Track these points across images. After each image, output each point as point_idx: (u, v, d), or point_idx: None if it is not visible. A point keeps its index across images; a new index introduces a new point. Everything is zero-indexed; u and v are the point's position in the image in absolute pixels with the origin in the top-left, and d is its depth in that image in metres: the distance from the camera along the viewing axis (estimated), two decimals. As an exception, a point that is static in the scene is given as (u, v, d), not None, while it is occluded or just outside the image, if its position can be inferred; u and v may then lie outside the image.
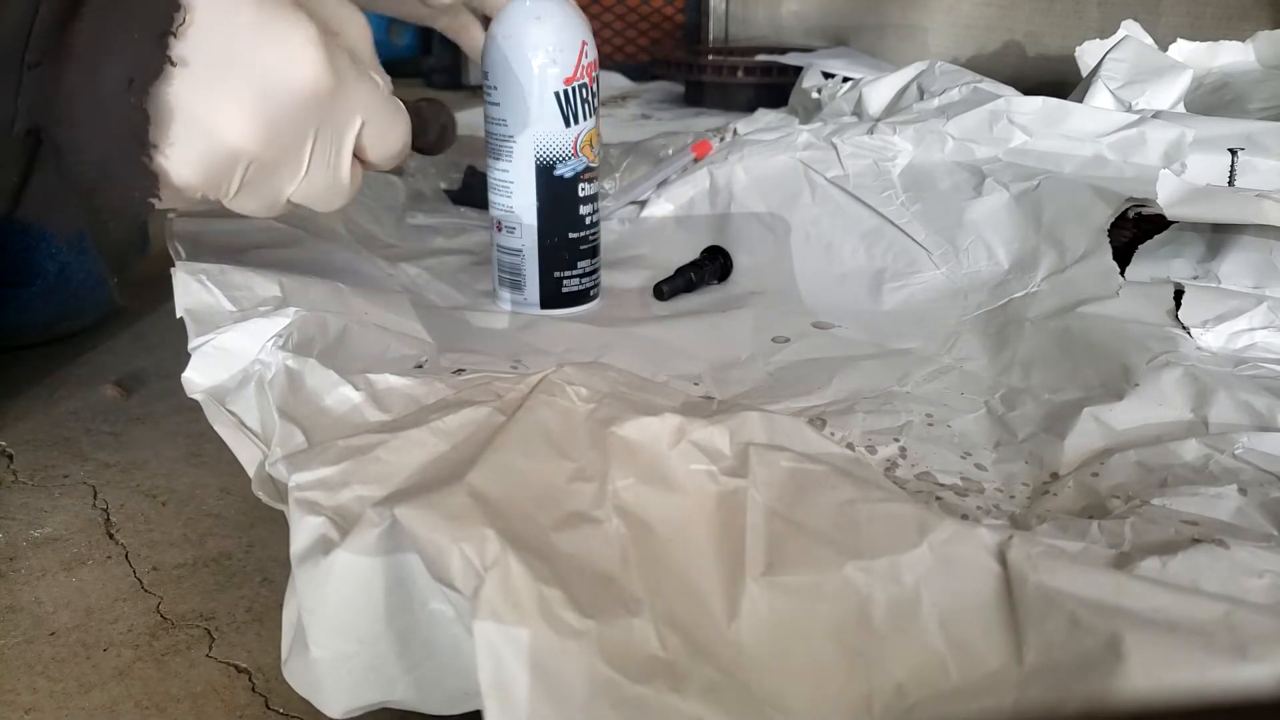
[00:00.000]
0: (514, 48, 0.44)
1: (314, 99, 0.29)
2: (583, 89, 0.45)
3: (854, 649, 0.21)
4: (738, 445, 0.27)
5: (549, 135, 0.45)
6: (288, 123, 0.29)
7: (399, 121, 0.33)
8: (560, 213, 0.47)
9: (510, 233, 0.47)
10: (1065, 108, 0.57)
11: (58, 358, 0.54)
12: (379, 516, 0.23)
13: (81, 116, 0.26)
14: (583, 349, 0.43)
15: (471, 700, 0.24)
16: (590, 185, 0.47)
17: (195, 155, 0.28)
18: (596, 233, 0.49)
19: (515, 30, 0.44)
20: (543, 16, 0.44)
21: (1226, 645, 0.19)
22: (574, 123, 0.45)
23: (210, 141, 0.28)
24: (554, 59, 0.44)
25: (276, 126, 0.29)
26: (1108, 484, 0.30)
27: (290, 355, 0.31)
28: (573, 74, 0.44)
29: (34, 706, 0.29)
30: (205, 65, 0.27)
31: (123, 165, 0.27)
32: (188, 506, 0.40)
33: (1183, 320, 0.41)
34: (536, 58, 0.44)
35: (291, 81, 0.28)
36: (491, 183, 0.47)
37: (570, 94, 0.45)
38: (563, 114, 0.45)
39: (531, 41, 0.44)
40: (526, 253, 0.47)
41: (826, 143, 0.59)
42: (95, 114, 0.26)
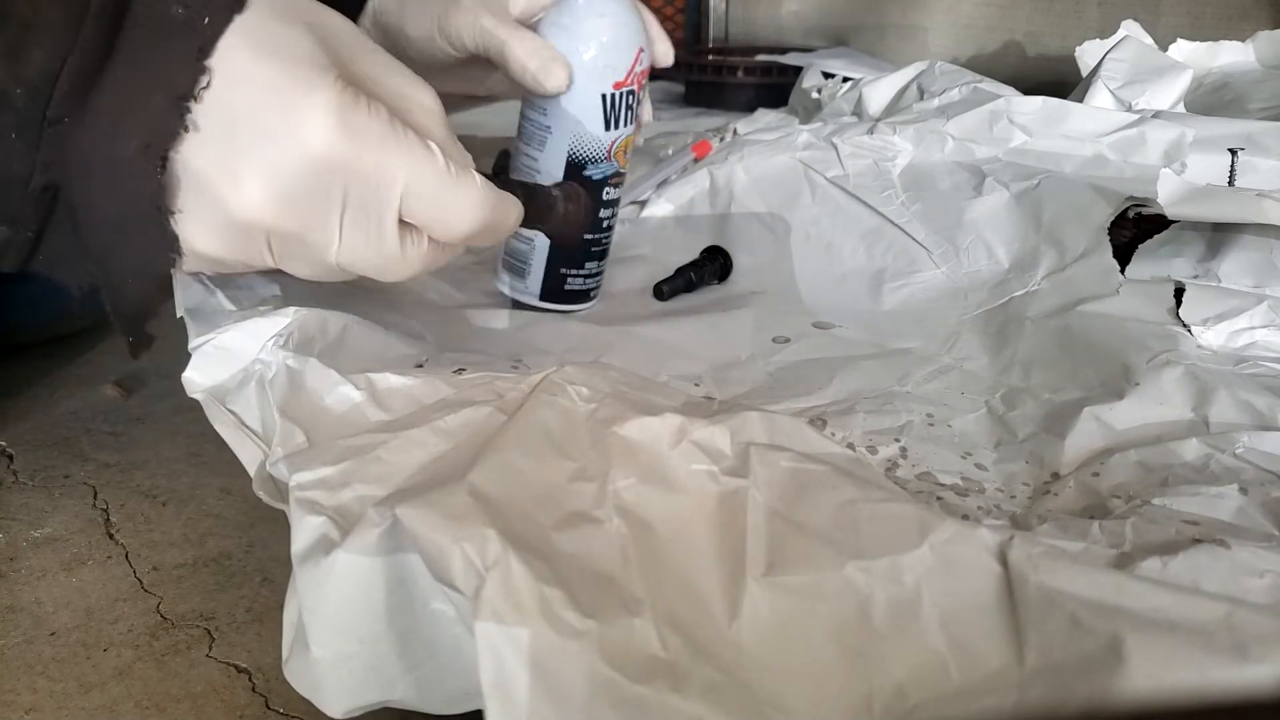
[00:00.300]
0: (569, 39, 0.42)
1: (327, 165, 0.27)
2: (629, 95, 0.43)
3: (855, 649, 0.21)
4: (738, 445, 0.27)
5: (587, 135, 0.43)
6: (302, 191, 0.27)
7: (461, 195, 0.30)
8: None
9: None
10: (1065, 108, 0.57)
11: (58, 358, 0.54)
12: (380, 516, 0.23)
13: (98, 176, 0.26)
14: (583, 348, 0.43)
15: (472, 700, 0.24)
16: (615, 190, 0.46)
17: (212, 226, 0.27)
18: (610, 237, 0.48)
19: (575, 21, 0.42)
20: (606, 14, 0.42)
21: (1227, 645, 0.19)
22: (614, 128, 0.44)
23: (223, 212, 0.27)
24: (608, 59, 0.42)
25: (289, 195, 0.27)
26: (1108, 484, 0.30)
27: (291, 355, 0.31)
28: (624, 79, 0.43)
29: (34, 706, 0.29)
30: (219, 130, 0.26)
31: (138, 227, 0.26)
32: (188, 506, 0.40)
33: (1183, 319, 0.41)
34: (589, 52, 0.42)
35: (300, 146, 0.26)
36: (517, 164, 0.46)
37: (616, 99, 0.43)
38: (605, 117, 0.43)
39: (587, 34, 0.42)
40: (538, 244, 0.46)
41: (826, 143, 0.59)
42: (112, 175, 0.26)
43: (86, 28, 0.24)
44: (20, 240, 0.26)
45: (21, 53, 0.24)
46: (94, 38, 0.24)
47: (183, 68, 0.25)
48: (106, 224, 0.26)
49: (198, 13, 0.25)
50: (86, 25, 0.24)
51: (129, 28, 0.25)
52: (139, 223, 0.26)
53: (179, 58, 0.25)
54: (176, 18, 0.25)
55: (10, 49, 0.24)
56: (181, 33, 0.25)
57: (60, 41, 0.24)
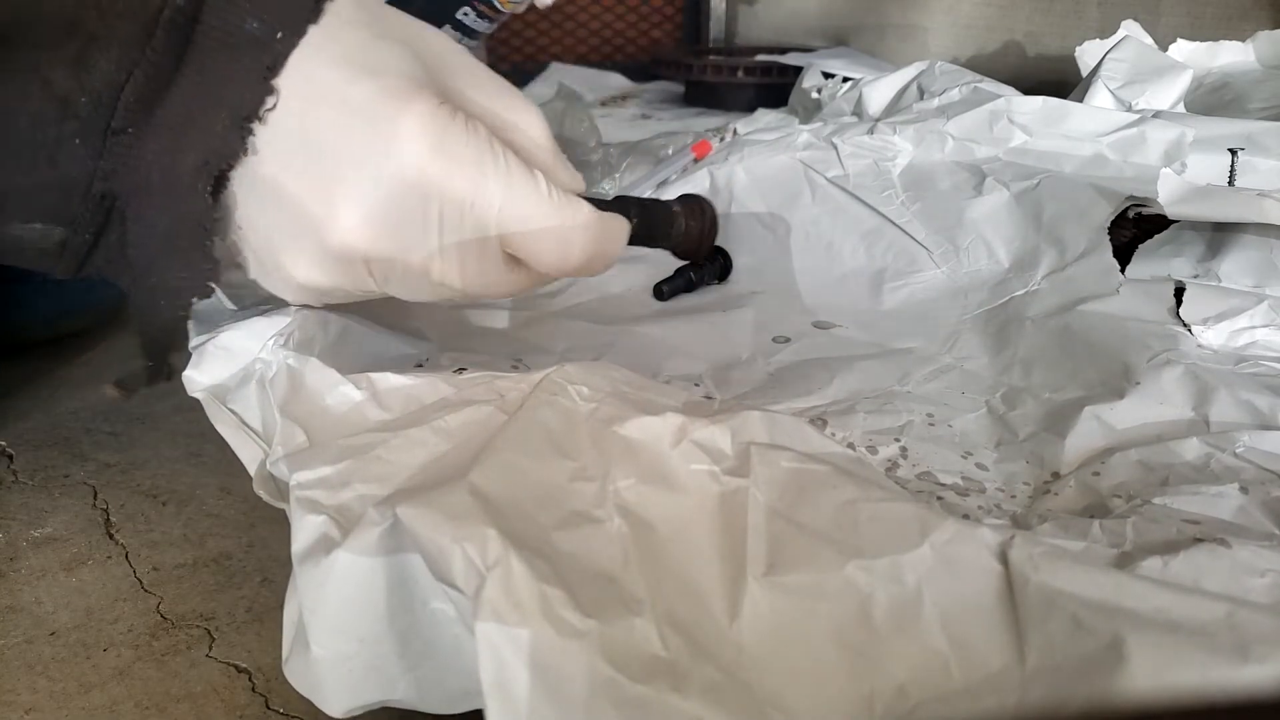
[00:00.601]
0: None
1: (420, 187, 0.26)
2: None
3: (855, 649, 0.21)
4: (739, 445, 0.27)
5: None
6: (396, 215, 0.26)
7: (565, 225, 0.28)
8: None
9: None
10: (1065, 107, 0.57)
11: (58, 358, 0.54)
12: (380, 516, 0.23)
13: (154, 190, 0.25)
14: (583, 348, 0.43)
15: (472, 700, 0.24)
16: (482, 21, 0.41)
17: (311, 255, 0.27)
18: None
19: None
20: None
21: (1229, 646, 0.19)
22: None
23: (319, 240, 0.26)
24: None
25: (383, 220, 0.26)
26: (1109, 483, 0.30)
27: (291, 354, 0.31)
28: None
29: (34, 706, 0.29)
30: (312, 155, 0.25)
31: (183, 246, 0.26)
32: (188, 506, 0.40)
33: (1183, 318, 0.41)
34: None
35: (393, 168, 0.25)
36: None
37: None
38: None
39: None
40: None
41: (826, 143, 0.59)
42: (167, 190, 0.25)
43: (155, 40, 0.24)
44: (77, 243, 0.26)
45: (88, 63, 0.23)
46: (162, 50, 0.24)
47: (249, 86, 0.25)
48: (155, 239, 0.26)
49: (271, 28, 0.25)
50: (155, 38, 0.24)
51: (199, 40, 0.25)
52: (184, 241, 0.26)
53: (245, 76, 0.25)
54: (249, 32, 0.25)
55: (78, 59, 0.23)
56: (252, 49, 0.25)
57: (128, 53, 0.24)
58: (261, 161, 0.26)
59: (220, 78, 0.25)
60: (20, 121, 0.23)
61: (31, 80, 0.23)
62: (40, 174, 0.24)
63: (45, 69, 0.23)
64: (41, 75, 0.23)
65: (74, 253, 0.26)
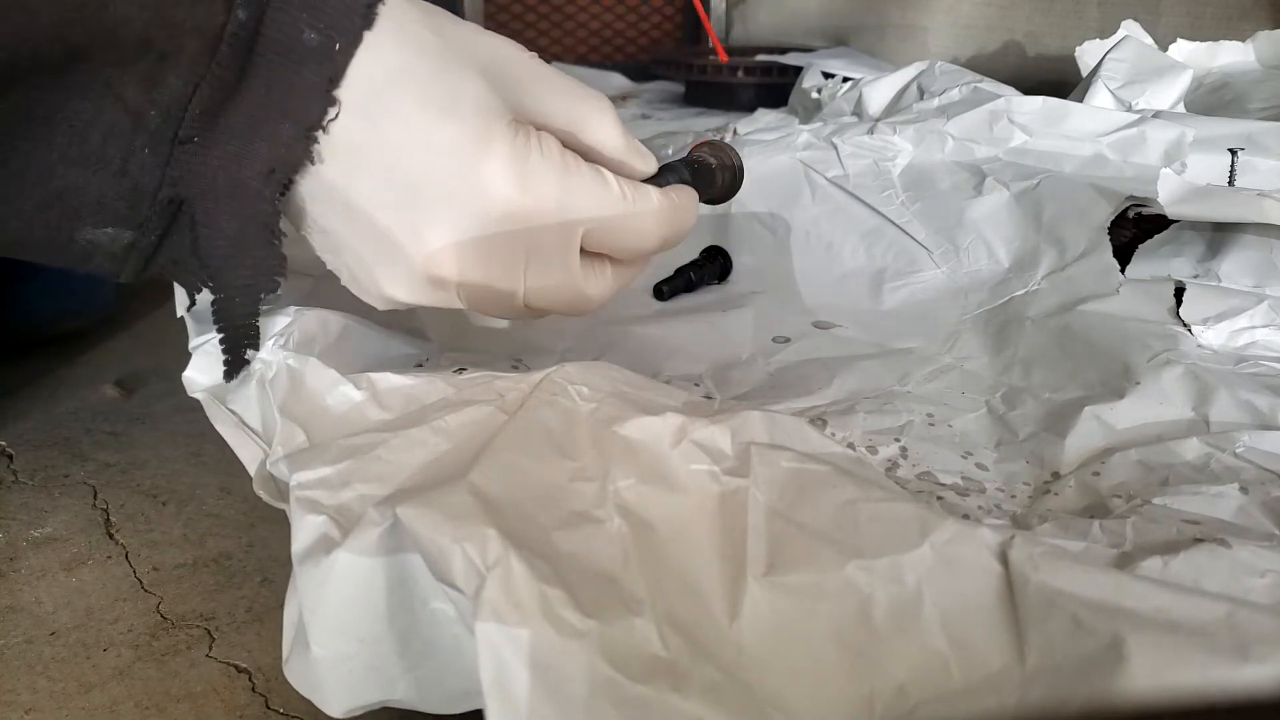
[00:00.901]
0: None
1: (508, 219, 0.28)
2: None
3: (855, 649, 0.21)
4: (739, 445, 0.27)
5: None
6: (484, 246, 0.28)
7: (641, 217, 0.30)
8: None
9: None
10: (1065, 107, 0.57)
11: (58, 358, 0.54)
12: (380, 516, 0.23)
13: (222, 195, 0.27)
14: (583, 348, 0.43)
15: (472, 700, 0.24)
16: None
17: (403, 280, 0.29)
18: None
19: None
20: None
21: (1229, 646, 0.19)
22: None
23: (410, 268, 0.28)
24: None
25: (473, 252, 0.28)
26: (1109, 483, 0.30)
27: (291, 354, 0.31)
28: None
29: (34, 706, 0.29)
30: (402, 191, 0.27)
31: (252, 247, 0.28)
32: (188, 506, 0.40)
33: (1183, 318, 0.41)
34: None
35: (481, 204, 0.27)
36: None
37: None
38: None
39: None
40: None
41: (826, 143, 0.59)
42: (234, 196, 0.27)
43: (220, 54, 0.25)
44: (143, 245, 0.27)
45: (158, 79, 0.25)
46: (226, 64, 0.25)
47: (312, 96, 0.26)
48: (224, 240, 0.27)
49: (329, 38, 0.26)
50: (220, 52, 0.25)
51: (261, 53, 0.26)
52: (253, 243, 0.27)
53: (308, 88, 0.26)
54: (309, 43, 0.26)
55: (148, 76, 0.25)
56: (313, 60, 0.26)
57: (195, 69, 0.25)
58: (353, 192, 0.27)
59: (284, 89, 0.26)
60: (94, 136, 0.25)
61: (105, 97, 0.24)
62: (112, 182, 0.25)
63: (118, 86, 0.24)
64: (114, 92, 0.24)
65: (140, 254, 0.27)
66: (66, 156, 0.25)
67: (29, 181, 0.25)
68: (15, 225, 0.26)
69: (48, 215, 0.26)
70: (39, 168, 0.25)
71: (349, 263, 0.30)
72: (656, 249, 0.32)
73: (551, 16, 1.55)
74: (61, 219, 0.26)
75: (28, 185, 0.25)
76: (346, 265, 0.30)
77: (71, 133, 0.25)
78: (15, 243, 0.26)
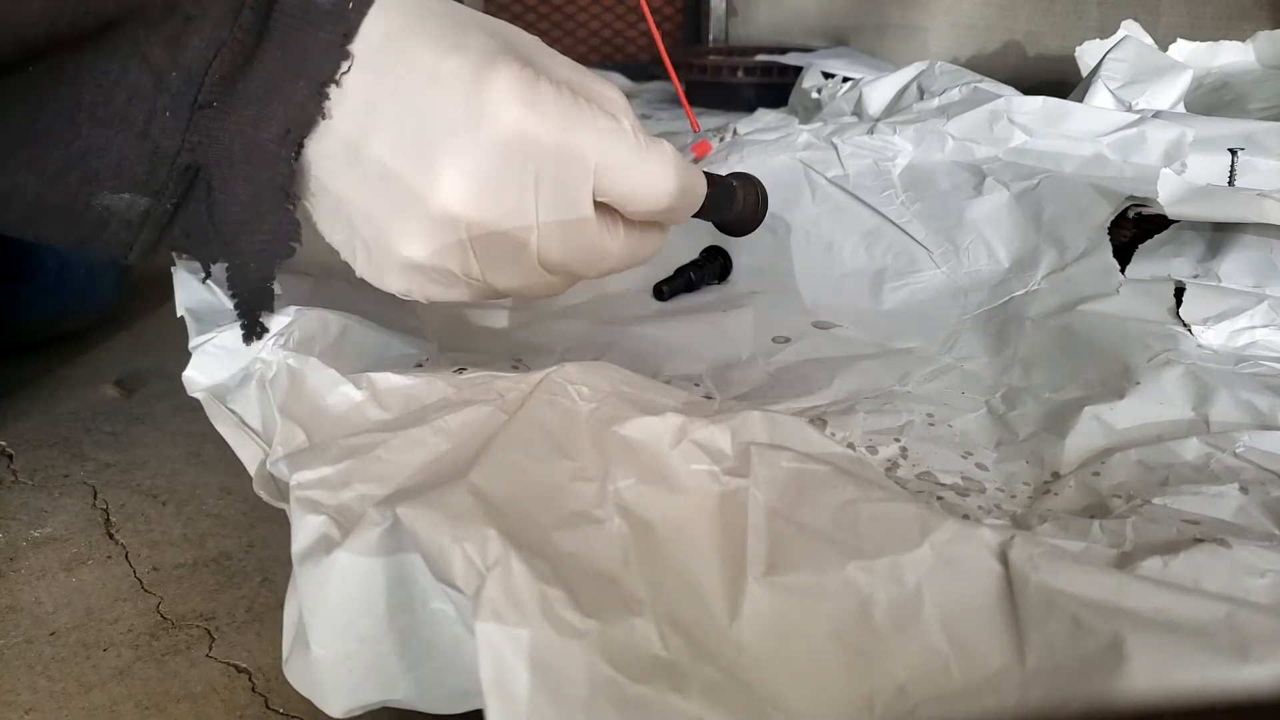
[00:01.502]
0: None
1: (517, 144, 0.27)
2: None
3: (856, 649, 0.21)
4: (739, 445, 0.27)
5: None
6: (495, 175, 0.27)
7: (653, 162, 0.29)
8: None
9: None
10: (1065, 107, 0.57)
11: (58, 358, 0.54)
12: (380, 516, 0.23)
13: (238, 160, 0.27)
14: (583, 348, 0.43)
15: (472, 699, 0.24)
16: None
17: (415, 229, 0.28)
18: None
19: None
20: None
21: (1229, 646, 0.19)
22: None
23: (422, 209, 0.27)
24: None
25: (483, 181, 0.27)
26: (1109, 483, 0.30)
27: (291, 354, 0.31)
28: None
29: (34, 706, 0.29)
30: (408, 129, 0.27)
31: (268, 211, 0.28)
32: (188, 506, 0.40)
33: (1183, 318, 0.41)
34: None
35: (489, 129, 0.27)
36: None
37: None
38: None
39: None
40: None
41: (826, 143, 0.59)
42: (250, 159, 0.27)
43: (242, 18, 0.26)
44: (159, 211, 0.27)
45: (183, 41, 0.25)
46: (248, 28, 0.26)
47: (326, 54, 0.27)
48: (239, 205, 0.28)
49: (342, 1, 0.27)
50: (242, 15, 0.26)
51: (277, 17, 0.26)
52: (269, 207, 0.28)
53: (323, 45, 0.27)
54: (323, 5, 0.27)
55: (173, 37, 0.25)
56: (327, 20, 0.27)
57: (218, 31, 0.25)
58: (364, 143, 0.27)
59: (299, 51, 0.27)
60: (119, 95, 0.25)
61: (132, 56, 0.25)
62: (133, 144, 0.26)
63: (144, 46, 0.25)
64: (141, 51, 0.25)
65: (155, 224, 0.28)
66: (93, 116, 0.25)
67: (53, 141, 0.25)
68: (35, 188, 0.26)
69: (68, 178, 0.26)
70: (65, 126, 0.25)
71: (361, 230, 0.29)
72: (667, 207, 0.31)
73: (551, 16, 1.55)
74: (81, 182, 0.26)
75: (51, 145, 0.25)
76: (359, 234, 0.29)
77: (98, 91, 0.25)
78: (33, 209, 0.27)
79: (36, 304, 0.52)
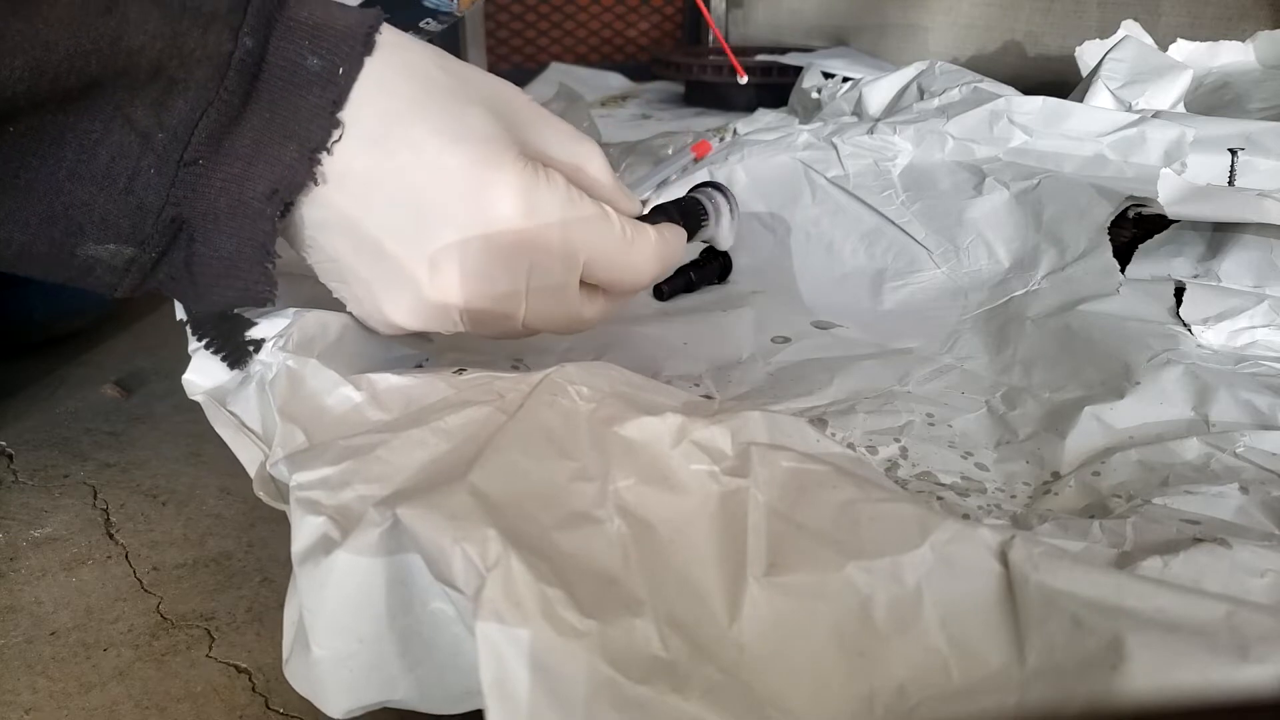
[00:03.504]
0: None
1: (515, 245, 0.29)
2: None
3: (856, 649, 0.21)
4: (739, 445, 0.27)
5: None
6: (490, 271, 0.29)
7: (637, 254, 0.32)
8: None
9: None
10: (1065, 107, 0.57)
11: (58, 358, 0.54)
12: (380, 516, 0.23)
13: (222, 215, 0.27)
14: (583, 348, 0.43)
15: (472, 700, 0.24)
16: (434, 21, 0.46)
17: (409, 306, 0.29)
18: None
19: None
20: None
21: (1229, 646, 0.19)
22: None
23: (417, 294, 0.29)
24: None
25: (479, 277, 0.29)
26: (1109, 483, 0.30)
27: (291, 355, 0.31)
28: None
29: (34, 706, 0.29)
30: (411, 218, 0.28)
31: (248, 266, 0.28)
32: (188, 506, 0.40)
33: (1183, 318, 0.41)
34: None
35: (490, 230, 0.28)
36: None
37: None
38: None
39: None
40: None
41: (826, 143, 0.59)
42: (234, 215, 0.27)
43: (228, 80, 0.26)
44: (143, 261, 0.27)
45: (167, 104, 0.25)
46: (234, 90, 0.26)
47: (315, 119, 0.27)
48: (219, 260, 0.28)
49: (331, 63, 0.27)
50: (228, 79, 0.26)
51: (265, 79, 0.27)
52: (247, 264, 0.28)
53: (312, 109, 0.27)
54: (312, 69, 0.27)
55: (158, 101, 0.25)
56: (317, 84, 0.27)
57: (203, 94, 0.26)
58: (364, 220, 0.28)
59: (288, 112, 0.27)
60: (102, 154, 0.25)
61: (115, 118, 0.25)
62: (117, 200, 0.26)
63: (127, 108, 0.25)
64: (124, 114, 0.25)
65: (140, 270, 0.28)
66: (75, 173, 0.25)
67: (36, 196, 0.25)
68: (20, 239, 0.26)
69: (52, 230, 0.26)
70: (47, 183, 0.25)
71: (355, 291, 0.31)
72: (647, 285, 0.34)
73: (551, 16, 1.55)
74: (65, 234, 0.26)
75: (34, 200, 0.25)
76: (353, 293, 0.31)
77: (80, 150, 0.25)
78: (19, 256, 0.27)
79: (36, 304, 0.52)
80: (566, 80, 1.30)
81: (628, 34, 1.60)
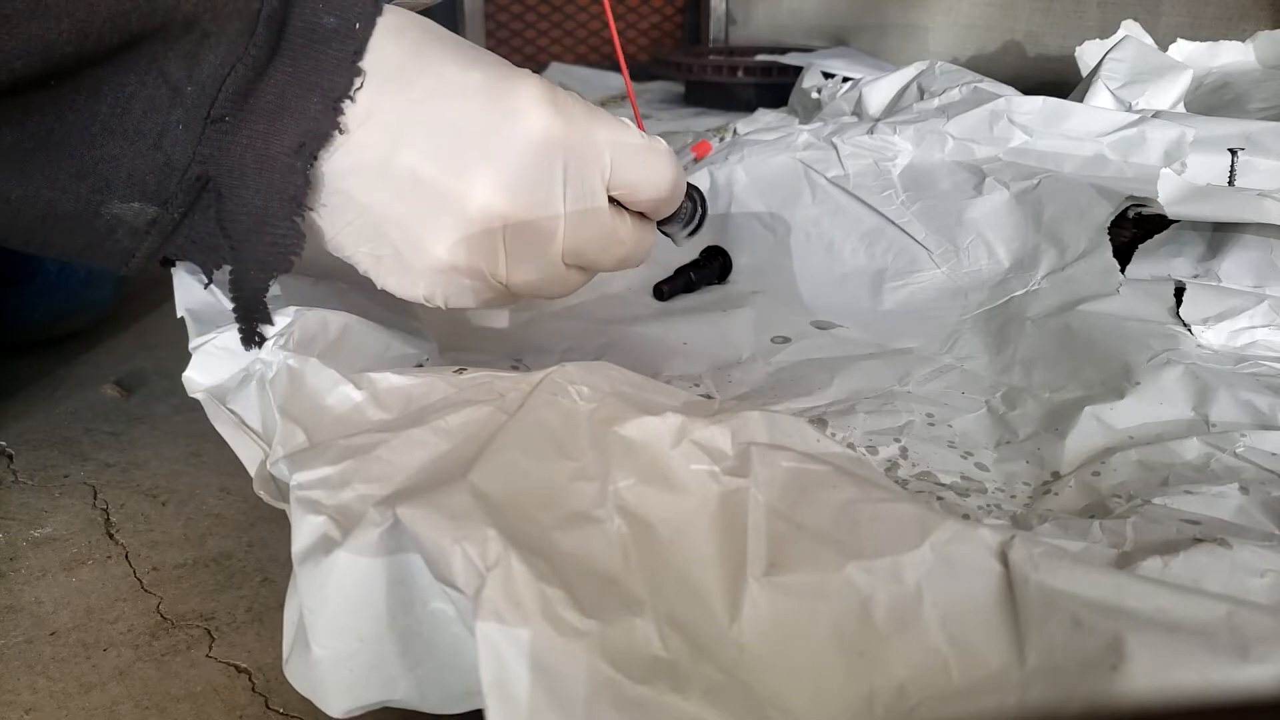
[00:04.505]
0: None
1: (547, 144, 0.30)
2: None
3: (856, 649, 0.21)
4: (739, 445, 0.27)
5: None
6: (528, 173, 0.30)
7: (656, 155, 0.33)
8: None
9: None
10: (1065, 107, 0.57)
11: (58, 358, 0.54)
12: (381, 516, 0.23)
13: (249, 171, 0.28)
14: (583, 348, 0.43)
15: (473, 699, 0.24)
16: None
17: (452, 229, 0.30)
18: None
19: None
20: None
21: (1229, 646, 0.19)
22: None
23: (460, 210, 0.29)
24: None
25: (519, 179, 0.29)
26: (1109, 483, 0.30)
27: (291, 354, 0.31)
28: None
29: (34, 706, 0.29)
30: (444, 138, 0.29)
31: (277, 220, 0.29)
32: (188, 506, 0.40)
33: (1183, 318, 0.41)
34: None
35: (523, 132, 0.29)
36: None
37: None
38: None
39: None
40: None
41: (826, 143, 0.59)
42: (261, 170, 0.28)
43: (257, 35, 0.27)
44: (166, 220, 0.28)
45: (199, 56, 0.26)
46: (261, 45, 0.27)
47: (338, 70, 0.28)
48: (248, 214, 0.29)
49: (347, 20, 0.28)
50: (257, 33, 0.27)
51: (288, 36, 0.28)
52: (277, 216, 0.29)
53: (334, 61, 0.28)
54: (329, 25, 0.28)
55: (190, 53, 0.26)
56: (335, 38, 0.28)
57: (234, 48, 0.27)
58: (395, 155, 0.29)
59: (310, 66, 0.28)
60: (135, 108, 0.26)
61: (150, 70, 0.26)
62: (146, 155, 0.27)
63: (162, 61, 0.26)
64: (159, 66, 0.26)
65: (160, 232, 0.28)
66: (108, 127, 0.26)
67: (69, 150, 0.26)
68: (48, 195, 0.27)
69: (80, 186, 0.27)
70: (80, 137, 0.26)
71: (392, 236, 0.30)
72: (668, 194, 0.34)
73: (551, 16, 1.55)
74: (93, 190, 0.27)
75: (67, 154, 0.26)
76: (389, 241, 0.31)
77: (115, 103, 0.26)
78: (42, 218, 0.27)
79: (36, 304, 0.52)
80: (566, 80, 1.30)
81: (628, 34, 1.60)
